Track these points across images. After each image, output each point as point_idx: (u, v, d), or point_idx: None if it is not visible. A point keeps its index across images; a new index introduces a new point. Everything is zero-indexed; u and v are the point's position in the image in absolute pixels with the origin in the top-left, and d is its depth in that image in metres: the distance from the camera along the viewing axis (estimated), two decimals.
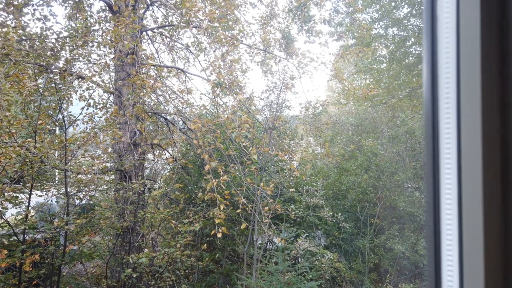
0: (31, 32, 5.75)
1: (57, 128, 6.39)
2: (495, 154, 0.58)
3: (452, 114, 0.61)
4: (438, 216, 0.62)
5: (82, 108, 5.74)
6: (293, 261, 5.90)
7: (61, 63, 5.79)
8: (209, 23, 5.23)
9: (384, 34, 10.35)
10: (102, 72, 6.29)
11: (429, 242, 0.65)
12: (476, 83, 0.58)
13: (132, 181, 5.65)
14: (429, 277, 0.66)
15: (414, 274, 7.05)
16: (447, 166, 0.62)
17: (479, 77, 0.58)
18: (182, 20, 5.27)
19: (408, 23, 9.85)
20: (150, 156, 7.19)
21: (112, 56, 6.21)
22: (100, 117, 6.22)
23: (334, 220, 6.81)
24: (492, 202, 0.58)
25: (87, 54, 6.00)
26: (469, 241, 0.59)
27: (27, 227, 4.78)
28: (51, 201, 5.59)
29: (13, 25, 5.43)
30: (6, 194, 4.95)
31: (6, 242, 4.84)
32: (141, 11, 6.45)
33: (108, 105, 6.54)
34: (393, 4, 9.89)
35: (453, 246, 0.61)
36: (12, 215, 5.20)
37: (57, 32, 5.94)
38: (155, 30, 7.36)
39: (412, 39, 9.97)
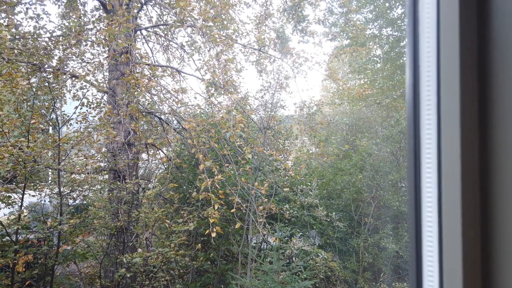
0: (24, 31, 5.71)
1: (50, 128, 6.34)
2: (473, 153, 0.59)
3: (433, 112, 0.62)
4: (419, 216, 0.64)
5: (76, 108, 5.71)
6: (288, 261, 5.91)
7: (54, 62, 5.76)
8: (203, 22, 5.22)
9: (378, 34, 10.41)
10: (96, 71, 6.25)
11: (411, 242, 0.66)
12: (455, 83, 0.60)
13: (126, 181, 5.63)
14: (410, 276, 0.67)
15: (407, 273, 7.10)
16: (427, 163, 0.63)
17: (457, 77, 0.59)
18: (177, 19, 5.26)
19: (402, 24, 9.91)
20: (144, 155, 7.17)
21: (106, 55, 6.18)
22: (94, 116, 6.18)
23: (329, 220, 6.83)
24: (471, 202, 0.59)
25: (80, 53, 5.97)
26: (448, 240, 0.60)
27: (20, 227, 4.74)
28: (44, 201, 5.55)
29: (5, 23, 5.39)
30: None
31: None
32: (135, 10, 6.43)
33: (102, 105, 6.51)
34: (387, 4, 9.94)
35: (433, 244, 0.62)
36: (4, 215, 5.17)
37: (50, 31, 5.90)
38: (149, 29, 7.34)
39: (406, 40, 10.02)
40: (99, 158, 6.16)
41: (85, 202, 6.09)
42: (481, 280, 0.59)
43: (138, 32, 6.75)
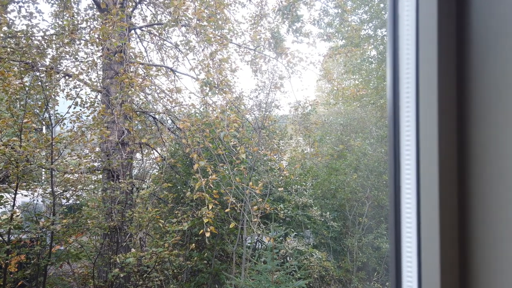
0: (17, 30, 5.66)
1: (43, 127, 6.30)
2: (451, 153, 0.60)
3: (412, 113, 0.63)
4: (399, 214, 0.64)
5: (69, 107, 5.68)
6: (282, 260, 5.92)
7: (47, 61, 5.72)
8: (198, 21, 5.21)
9: (373, 35, 10.45)
10: (90, 71, 6.21)
11: (391, 240, 0.67)
12: (433, 84, 0.60)
13: (120, 181, 5.60)
14: (390, 273, 0.68)
15: None
16: (407, 162, 0.64)
17: (435, 78, 0.60)
18: (171, 19, 5.24)
19: None
20: (138, 155, 7.14)
21: (99, 54, 6.14)
22: (88, 115, 6.15)
23: (323, 219, 6.85)
24: (449, 201, 0.60)
25: (74, 52, 5.93)
26: (426, 239, 0.61)
27: (12, 227, 4.71)
28: (37, 200, 5.52)
29: None
30: None
31: None
32: (130, 9, 6.40)
33: (95, 104, 6.47)
34: (382, 5, 9.99)
35: (412, 241, 0.63)
36: None
37: (44, 30, 5.86)
38: (143, 29, 7.31)
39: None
40: (92, 158, 6.13)
41: (78, 202, 6.06)
42: (458, 277, 0.59)
43: (132, 31, 6.72)
